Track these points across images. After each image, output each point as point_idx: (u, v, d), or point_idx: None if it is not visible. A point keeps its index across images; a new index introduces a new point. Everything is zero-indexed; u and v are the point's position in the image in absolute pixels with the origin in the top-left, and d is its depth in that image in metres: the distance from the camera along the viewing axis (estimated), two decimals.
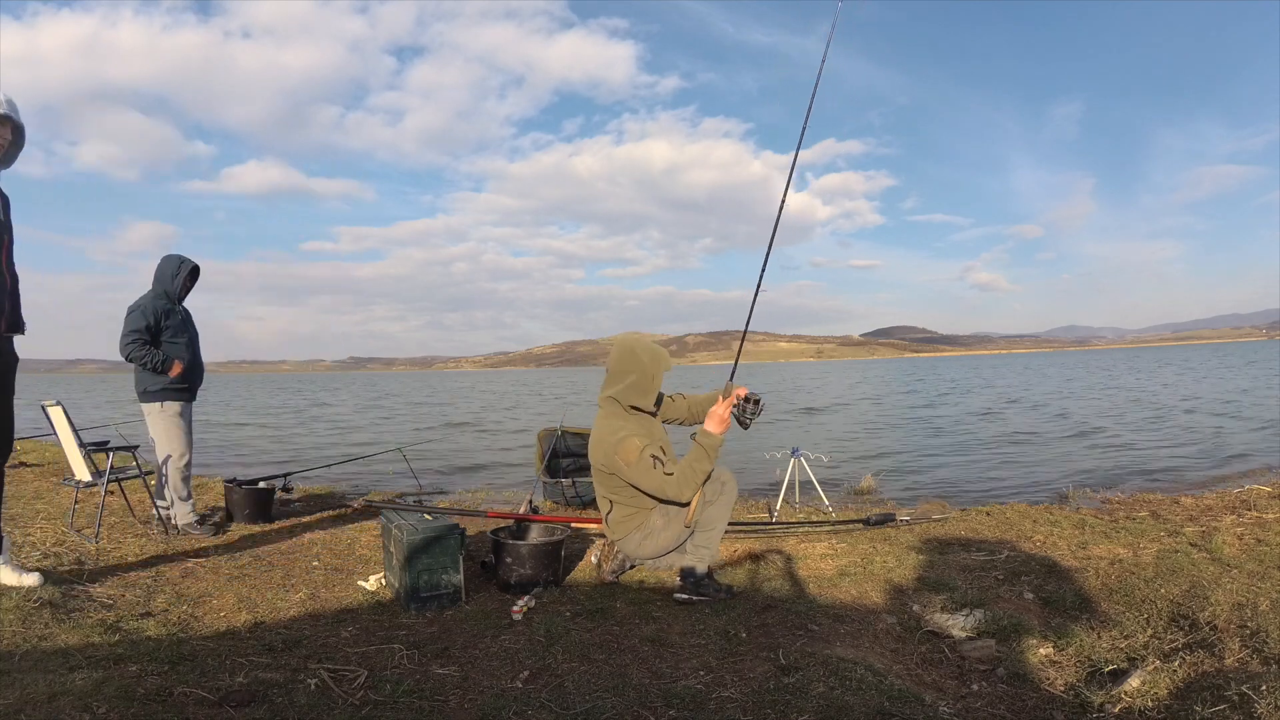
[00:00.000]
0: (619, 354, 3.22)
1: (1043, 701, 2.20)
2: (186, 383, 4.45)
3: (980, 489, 7.11)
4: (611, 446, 3.07)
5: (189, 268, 4.46)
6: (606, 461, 3.11)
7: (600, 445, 3.15)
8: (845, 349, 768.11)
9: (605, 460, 3.12)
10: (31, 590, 2.92)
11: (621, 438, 3.06)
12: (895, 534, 4.33)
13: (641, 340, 3.25)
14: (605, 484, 3.24)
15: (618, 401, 3.20)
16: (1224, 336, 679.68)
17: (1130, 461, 8.43)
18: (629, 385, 3.17)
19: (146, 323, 4.27)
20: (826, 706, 2.04)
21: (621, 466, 3.04)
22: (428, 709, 2.06)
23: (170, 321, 4.39)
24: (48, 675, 2.16)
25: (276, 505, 5.09)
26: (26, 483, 6.31)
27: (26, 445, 8.99)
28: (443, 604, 2.99)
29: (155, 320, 4.31)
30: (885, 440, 11.96)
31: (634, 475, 3.05)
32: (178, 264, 4.42)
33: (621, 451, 3.04)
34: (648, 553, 3.28)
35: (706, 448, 3.06)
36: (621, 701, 2.10)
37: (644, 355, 3.19)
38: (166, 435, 4.34)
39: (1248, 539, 3.79)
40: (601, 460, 3.16)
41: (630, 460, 3.03)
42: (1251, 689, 2.01)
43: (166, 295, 4.40)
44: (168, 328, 4.37)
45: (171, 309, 4.41)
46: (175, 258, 4.43)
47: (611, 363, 3.24)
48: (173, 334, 4.41)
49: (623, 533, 3.25)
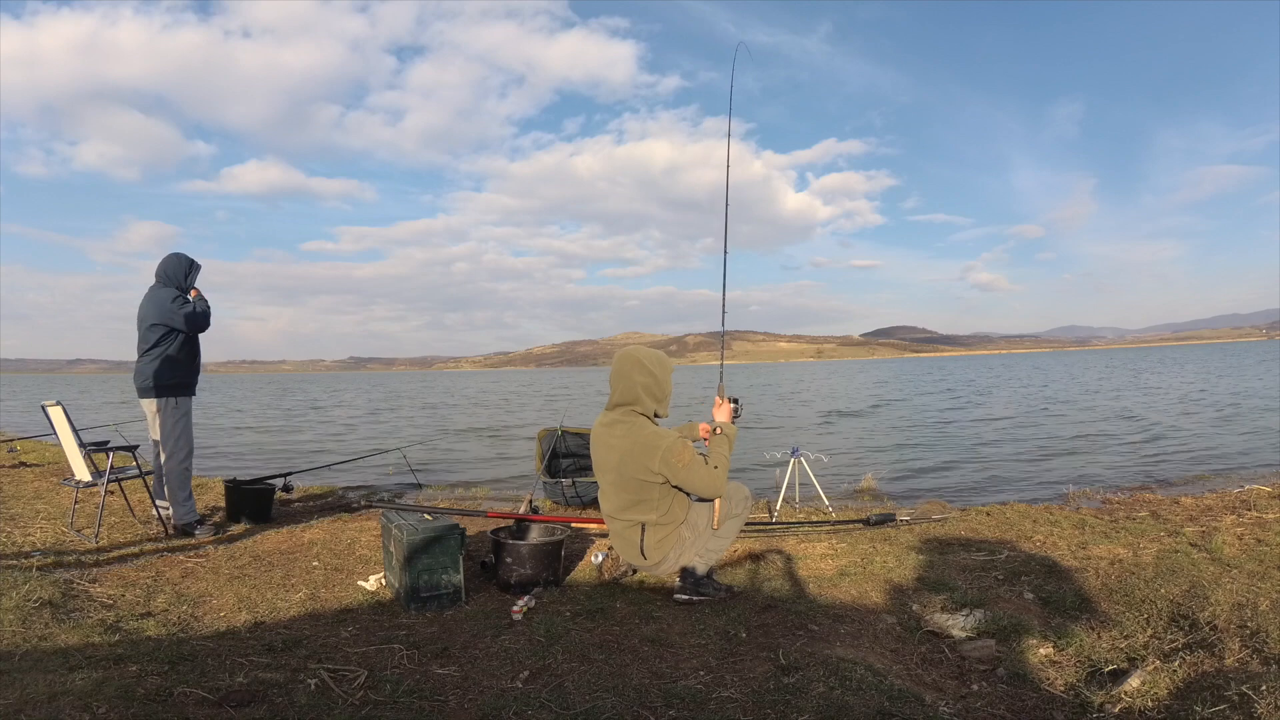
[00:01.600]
0: (630, 366, 3.11)
1: (1043, 701, 2.20)
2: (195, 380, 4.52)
3: (980, 489, 7.11)
4: (666, 450, 2.96)
5: (197, 267, 4.56)
6: (662, 467, 2.96)
7: (647, 452, 2.98)
8: (845, 349, 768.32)
9: (660, 466, 2.97)
10: (30, 590, 2.93)
11: (671, 441, 2.99)
12: (895, 534, 4.33)
13: (645, 350, 3.18)
14: (642, 500, 3.05)
15: (640, 414, 3.10)
16: (1224, 336, 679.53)
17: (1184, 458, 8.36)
18: (643, 394, 3.08)
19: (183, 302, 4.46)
20: (826, 706, 2.04)
21: (678, 468, 2.96)
22: (428, 709, 2.06)
23: None
24: (48, 675, 2.17)
25: (276, 505, 5.09)
26: (26, 483, 6.32)
27: (27, 445, 8.99)
28: (443, 604, 2.99)
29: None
30: (898, 442, 11.94)
31: (688, 475, 2.98)
32: (188, 263, 4.51)
33: (677, 453, 2.96)
34: (679, 565, 3.19)
35: (730, 436, 3.22)
36: (621, 701, 2.10)
37: (653, 365, 3.12)
38: (175, 431, 4.36)
39: (1248, 539, 3.79)
40: (653, 468, 2.98)
41: (686, 461, 2.97)
42: (1251, 689, 2.01)
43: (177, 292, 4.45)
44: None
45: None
46: (183, 256, 4.50)
47: (614, 381, 3.14)
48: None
49: (659, 555, 3.11)
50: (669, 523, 3.09)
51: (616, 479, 3.07)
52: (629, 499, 3.07)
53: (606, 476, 3.12)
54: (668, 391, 3.17)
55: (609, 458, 3.07)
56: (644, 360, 3.13)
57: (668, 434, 3.06)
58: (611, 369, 3.19)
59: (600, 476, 3.19)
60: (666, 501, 3.07)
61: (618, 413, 3.11)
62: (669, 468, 2.96)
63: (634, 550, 3.14)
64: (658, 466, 2.96)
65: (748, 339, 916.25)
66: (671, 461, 2.95)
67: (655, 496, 3.04)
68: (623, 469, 3.03)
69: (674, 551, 3.13)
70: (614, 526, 3.18)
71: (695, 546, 3.15)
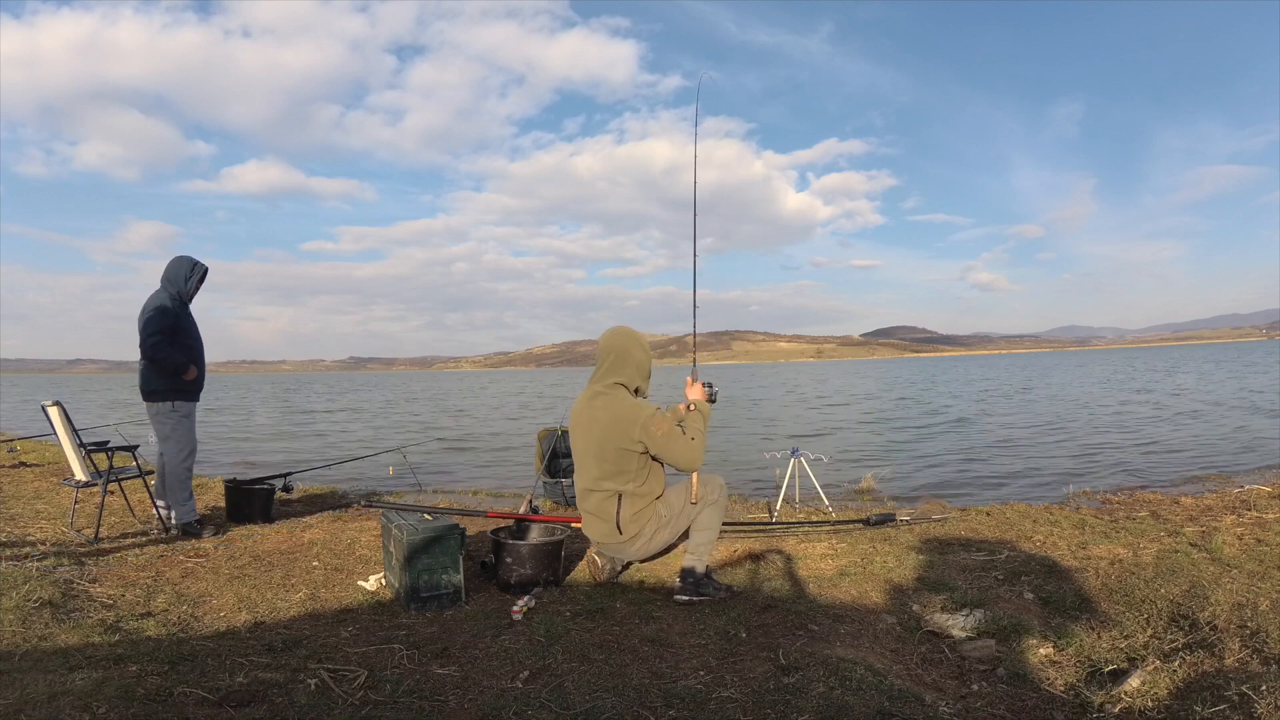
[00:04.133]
0: (616, 342, 3.24)
1: (1043, 701, 2.20)
2: (197, 385, 4.46)
3: (980, 489, 7.11)
4: (647, 419, 3.04)
5: (201, 270, 4.47)
6: (643, 435, 3.04)
7: (629, 420, 3.06)
8: (845, 349, 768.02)
9: (640, 434, 3.04)
10: (30, 590, 2.93)
11: (651, 412, 3.08)
12: (895, 534, 4.33)
13: (631, 330, 3.29)
14: (621, 470, 3.12)
15: (624, 386, 3.20)
16: (1224, 336, 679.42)
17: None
18: (634, 370, 3.20)
19: (169, 323, 4.29)
20: (826, 706, 2.04)
21: (657, 437, 3.03)
22: (428, 709, 2.06)
23: (185, 323, 4.42)
24: (48, 675, 2.17)
25: (276, 505, 5.09)
26: (26, 483, 6.32)
27: (27, 445, 9.00)
28: (443, 604, 2.99)
29: (175, 320, 4.33)
30: (898, 442, 11.94)
31: (667, 444, 3.05)
32: (190, 266, 4.43)
33: (657, 423, 3.04)
34: (656, 547, 3.24)
35: (704, 412, 3.27)
36: (621, 701, 2.10)
37: (634, 345, 3.25)
38: (175, 435, 4.34)
39: (1248, 539, 3.79)
40: (634, 436, 3.05)
41: (665, 430, 3.04)
42: (1251, 689, 2.01)
43: (180, 297, 4.41)
44: (183, 329, 4.39)
45: (184, 311, 4.43)
46: (187, 259, 4.45)
47: (607, 351, 3.24)
48: (187, 336, 4.42)
49: (635, 529, 3.15)
50: (646, 494, 3.16)
51: (597, 450, 3.14)
52: (608, 469, 3.14)
53: (587, 449, 3.18)
54: (650, 373, 3.32)
55: (590, 430, 3.15)
56: (639, 337, 3.29)
57: (648, 405, 3.16)
58: (602, 342, 3.29)
59: (578, 451, 3.25)
60: (644, 473, 3.15)
61: (600, 385, 3.20)
62: (649, 436, 3.04)
63: (609, 526, 3.16)
64: (638, 435, 3.05)
65: (748, 339, 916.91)
66: (651, 430, 3.04)
67: (634, 467, 3.12)
68: (604, 439, 3.11)
69: (649, 526, 3.17)
70: (589, 502, 3.21)
71: (672, 526, 3.21)
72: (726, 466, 8.74)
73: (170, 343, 4.27)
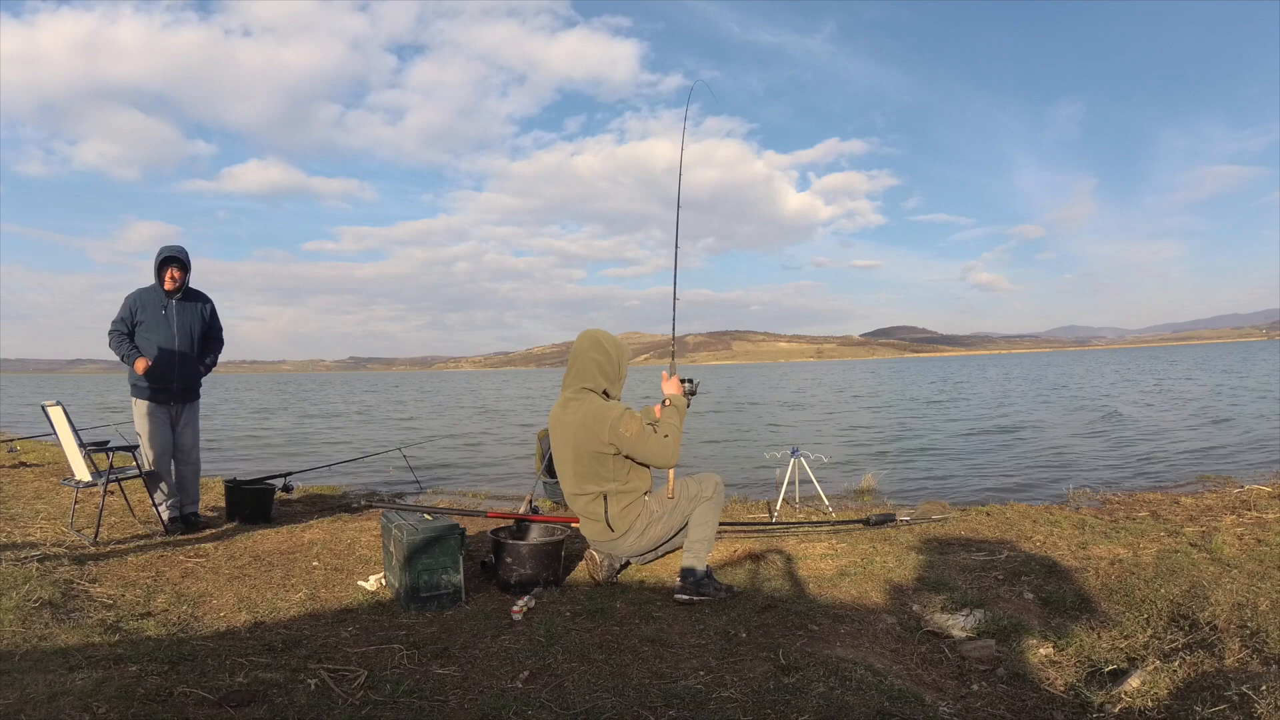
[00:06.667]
0: (579, 346, 3.27)
1: (1043, 701, 2.20)
2: (159, 382, 4.35)
3: (980, 489, 7.11)
4: (615, 421, 3.06)
5: (159, 257, 4.34)
6: (612, 437, 3.06)
7: (597, 423, 3.08)
8: (845, 349, 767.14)
9: (610, 436, 3.06)
10: (30, 590, 2.93)
11: (620, 412, 3.09)
12: (895, 534, 4.33)
13: (603, 332, 3.31)
14: (599, 473, 3.16)
15: (592, 390, 3.22)
16: (1224, 336, 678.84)
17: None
18: (597, 372, 3.22)
19: (122, 314, 4.31)
20: (826, 706, 2.04)
21: (626, 438, 3.05)
22: (428, 709, 2.06)
23: (147, 315, 4.34)
24: (48, 675, 2.17)
25: (276, 505, 5.09)
26: (26, 483, 6.31)
27: (27, 445, 8.99)
28: (443, 604, 2.99)
29: (132, 313, 4.31)
30: (892, 440, 11.94)
31: (637, 445, 3.07)
32: (158, 255, 4.36)
33: (625, 424, 3.06)
34: (649, 543, 3.25)
35: (679, 408, 3.28)
36: (621, 701, 2.10)
37: (609, 344, 3.26)
38: (139, 432, 4.40)
39: (1248, 539, 3.79)
40: (603, 439, 3.08)
41: (635, 431, 3.06)
42: (1251, 689, 2.01)
43: (154, 288, 4.39)
44: (141, 322, 4.33)
45: (158, 302, 4.36)
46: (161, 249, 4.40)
47: (573, 357, 3.27)
48: (148, 328, 4.34)
49: (625, 525, 3.18)
50: (632, 491, 3.18)
51: (573, 455, 3.17)
52: (585, 472, 3.16)
53: (564, 455, 3.21)
54: (622, 374, 3.30)
55: (564, 436, 3.18)
56: (600, 339, 3.28)
57: (617, 407, 3.16)
58: (572, 348, 3.33)
59: (558, 458, 3.27)
60: (624, 472, 3.17)
61: (570, 391, 3.23)
62: (618, 437, 3.06)
63: (600, 525, 3.20)
64: (608, 436, 3.07)
65: (748, 339, 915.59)
66: (620, 431, 3.05)
67: (611, 468, 3.15)
68: (578, 445, 3.14)
69: (640, 521, 3.19)
70: (577, 506, 3.26)
71: (665, 521, 3.22)
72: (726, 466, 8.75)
73: (127, 334, 4.31)
